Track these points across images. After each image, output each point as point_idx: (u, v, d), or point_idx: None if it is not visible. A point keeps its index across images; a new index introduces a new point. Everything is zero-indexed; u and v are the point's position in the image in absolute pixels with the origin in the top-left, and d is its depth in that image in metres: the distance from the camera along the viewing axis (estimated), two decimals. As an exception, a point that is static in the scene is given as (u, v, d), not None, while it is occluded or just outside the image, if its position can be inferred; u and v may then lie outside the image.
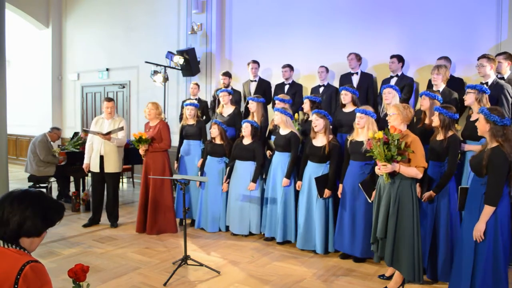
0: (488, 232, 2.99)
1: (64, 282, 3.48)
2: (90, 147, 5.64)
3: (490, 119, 3.04)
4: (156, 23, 8.68)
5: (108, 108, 5.58)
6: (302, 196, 4.76)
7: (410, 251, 3.52)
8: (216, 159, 5.45)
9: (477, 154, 3.19)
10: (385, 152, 3.45)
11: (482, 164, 3.00)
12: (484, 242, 3.00)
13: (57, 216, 1.75)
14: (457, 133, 3.89)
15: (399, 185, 3.57)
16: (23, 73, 11.39)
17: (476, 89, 4.02)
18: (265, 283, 3.88)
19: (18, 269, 1.56)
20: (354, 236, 4.35)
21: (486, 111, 3.09)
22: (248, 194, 5.22)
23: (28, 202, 1.66)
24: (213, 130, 5.42)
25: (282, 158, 5.00)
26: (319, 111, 4.68)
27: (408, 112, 3.68)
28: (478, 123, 3.16)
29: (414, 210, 3.55)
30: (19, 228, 1.65)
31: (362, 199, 4.29)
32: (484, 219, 2.99)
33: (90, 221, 5.75)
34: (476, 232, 3.01)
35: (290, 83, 6.42)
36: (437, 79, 4.70)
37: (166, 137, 5.33)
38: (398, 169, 3.51)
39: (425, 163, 3.54)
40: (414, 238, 3.52)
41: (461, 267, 3.16)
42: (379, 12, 6.20)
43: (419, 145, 3.56)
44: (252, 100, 5.55)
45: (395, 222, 3.57)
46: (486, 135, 3.11)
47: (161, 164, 5.31)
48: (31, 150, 6.68)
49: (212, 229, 5.45)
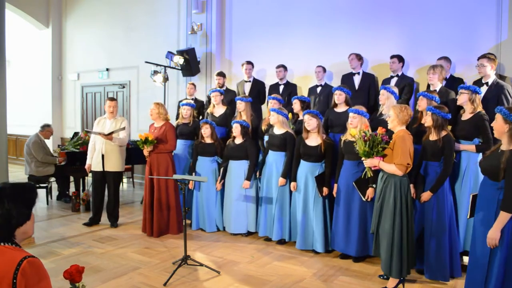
0: (506, 239, 2.78)
1: (64, 282, 3.47)
2: (92, 148, 5.64)
3: (509, 120, 2.80)
4: (156, 23, 8.68)
5: (111, 107, 5.58)
6: (298, 195, 4.78)
7: (387, 248, 3.63)
8: (208, 158, 5.45)
9: (490, 156, 2.98)
10: (363, 148, 3.72)
11: (500, 168, 2.78)
12: (501, 248, 2.79)
13: (33, 194, 1.82)
14: (450, 133, 3.92)
15: (385, 181, 3.69)
16: (23, 73, 11.39)
17: (469, 90, 4.04)
18: (265, 283, 3.88)
19: (16, 264, 1.58)
20: (349, 235, 4.38)
21: (505, 110, 2.84)
22: (243, 193, 5.24)
23: (3, 197, 1.70)
24: (206, 130, 5.42)
25: (276, 158, 5.02)
26: (311, 111, 4.71)
27: (405, 114, 3.71)
28: (495, 123, 2.93)
29: (397, 208, 3.60)
30: (9, 221, 1.68)
31: (357, 198, 4.32)
32: (500, 226, 2.76)
33: (90, 220, 5.74)
34: (491, 240, 2.79)
35: (284, 83, 6.43)
36: (433, 79, 4.72)
37: (172, 138, 5.29)
38: (377, 164, 3.70)
39: (406, 161, 3.54)
40: (393, 236, 3.60)
41: (475, 277, 2.99)
42: (379, 12, 6.20)
43: (404, 143, 3.57)
44: (241, 100, 5.56)
45: (378, 216, 3.73)
46: (503, 137, 2.88)
47: (165, 165, 5.28)
48: (27, 152, 6.67)
49: (210, 229, 5.46)
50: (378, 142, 3.67)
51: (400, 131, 3.69)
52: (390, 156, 3.65)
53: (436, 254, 3.82)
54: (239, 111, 5.57)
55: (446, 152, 3.79)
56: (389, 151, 3.66)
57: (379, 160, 3.69)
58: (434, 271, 3.85)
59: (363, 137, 3.74)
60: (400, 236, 3.59)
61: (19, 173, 9.04)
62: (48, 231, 5.45)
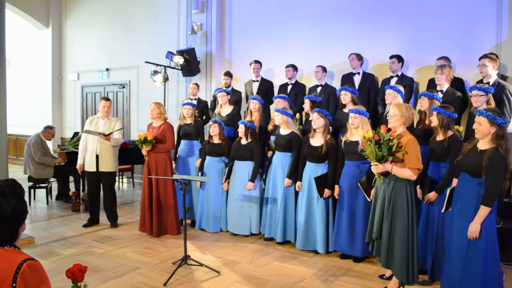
0: (485, 232, 2.97)
1: (64, 282, 3.48)
2: (84, 148, 5.63)
3: (495, 122, 2.97)
4: (156, 23, 8.68)
5: (105, 107, 5.58)
6: (302, 196, 4.76)
7: (403, 253, 3.49)
8: (215, 159, 5.45)
9: (467, 155, 3.11)
10: (376, 152, 3.41)
11: (482, 165, 2.95)
12: (480, 242, 2.97)
13: (22, 189, 1.73)
14: (457, 133, 3.88)
15: (394, 186, 3.53)
16: (23, 73, 11.39)
17: (488, 92, 3.97)
18: (265, 283, 3.87)
19: (15, 267, 1.55)
20: (353, 235, 4.35)
21: (489, 113, 2.98)
22: (247, 194, 5.22)
23: (7, 194, 1.64)
24: (214, 129, 5.42)
25: (282, 158, 5.01)
26: (321, 110, 4.69)
27: (410, 114, 3.64)
28: (479, 126, 3.04)
29: (409, 212, 3.50)
30: (17, 218, 1.64)
31: (361, 199, 4.29)
32: (480, 220, 2.96)
33: (89, 221, 5.74)
34: (472, 234, 2.98)
35: (293, 83, 6.41)
36: (441, 79, 4.68)
37: (170, 138, 5.30)
38: (390, 170, 3.47)
39: (420, 165, 3.44)
40: (408, 240, 3.48)
41: (452, 268, 3.13)
42: (379, 12, 6.20)
43: (415, 146, 3.47)
44: (258, 100, 5.58)
45: (390, 224, 3.55)
46: (486, 138, 3.02)
47: (163, 165, 5.28)
48: (27, 152, 6.66)
49: (213, 229, 5.45)
50: (393, 145, 3.44)
51: (407, 133, 3.58)
52: (399, 160, 3.46)
53: (443, 254, 3.79)
54: (252, 110, 5.57)
55: (452, 153, 3.69)
56: (402, 155, 3.44)
57: (392, 166, 3.45)
58: (440, 271, 3.81)
59: (377, 139, 3.43)
60: (413, 241, 3.50)
61: (19, 173, 9.04)
62: (48, 231, 5.45)
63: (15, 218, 1.64)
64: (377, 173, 3.55)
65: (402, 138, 3.54)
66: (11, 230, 1.64)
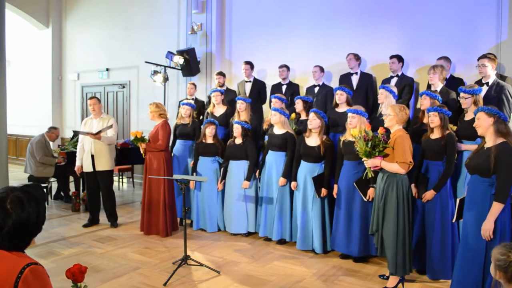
0: (500, 229, 2.90)
1: (64, 282, 3.47)
2: (81, 149, 5.64)
3: (492, 113, 2.98)
4: (156, 23, 8.68)
5: (91, 106, 5.58)
6: (297, 196, 4.78)
7: (393, 246, 3.64)
8: (209, 158, 5.45)
9: (475, 155, 3.09)
10: (364, 148, 3.69)
11: (490, 164, 2.90)
12: (495, 240, 2.89)
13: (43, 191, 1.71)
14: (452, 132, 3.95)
15: (386, 180, 3.69)
16: (23, 73, 11.39)
17: (472, 94, 4.02)
18: (265, 283, 3.88)
19: (17, 272, 1.52)
20: (350, 235, 4.37)
21: (484, 107, 3.04)
22: (243, 193, 5.25)
23: (31, 199, 1.61)
24: (212, 130, 5.42)
25: (277, 157, 5.02)
26: (317, 111, 4.71)
27: (404, 114, 3.75)
28: (478, 121, 3.06)
29: (399, 205, 3.62)
30: (38, 223, 1.62)
31: (358, 198, 4.32)
32: (493, 217, 2.88)
33: (89, 221, 5.74)
34: (486, 232, 2.91)
35: (287, 83, 6.42)
36: (434, 78, 4.72)
37: (162, 137, 5.25)
38: (379, 164, 3.68)
39: (407, 159, 3.57)
40: (397, 234, 3.63)
41: (469, 269, 3.05)
42: (379, 12, 6.20)
43: (402, 141, 3.60)
44: (243, 100, 5.55)
45: (382, 217, 3.71)
46: (488, 133, 3.01)
47: (156, 164, 5.28)
48: (29, 151, 6.67)
49: (211, 229, 5.46)
50: (379, 142, 3.67)
51: (398, 130, 3.71)
52: (391, 155, 3.66)
53: (440, 254, 3.81)
54: (239, 111, 5.56)
55: (448, 151, 3.81)
56: (390, 150, 3.66)
57: (380, 160, 3.69)
58: (437, 271, 3.84)
59: (364, 137, 3.73)
60: (403, 234, 3.63)
61: (19, 173, 9.04)
62: (48, 231, 5.45)
63: (31, 226, 1.60)
64: (368, 167, 3.84)
65: (393, 135, 3.71)
66: (26, 238, 1.62)
